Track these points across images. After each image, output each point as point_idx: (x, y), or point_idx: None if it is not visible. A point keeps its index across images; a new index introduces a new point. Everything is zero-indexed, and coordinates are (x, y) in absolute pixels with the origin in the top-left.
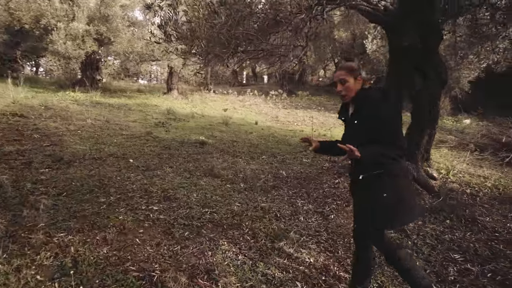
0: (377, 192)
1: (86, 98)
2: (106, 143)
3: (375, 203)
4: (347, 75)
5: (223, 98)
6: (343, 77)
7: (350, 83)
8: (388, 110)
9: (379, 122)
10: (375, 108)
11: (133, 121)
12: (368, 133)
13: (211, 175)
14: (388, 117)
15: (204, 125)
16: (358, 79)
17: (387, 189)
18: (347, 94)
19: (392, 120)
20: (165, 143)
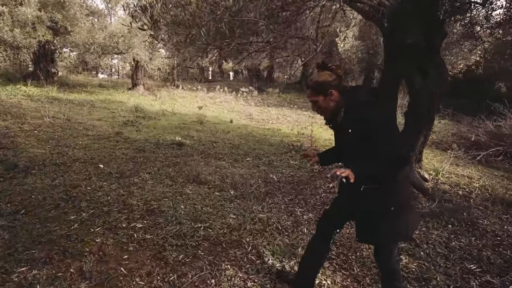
0: (383, 205)
1: (40, 93)
2: (69, 145)
3: (384, 217)
4: (314, 95)
5: (192, 95)
6: (311, 98)
7: (320, 102)
8: (378, 124)
9: (371, 139)
10: (363, 127)
11: (98, 120)
12: (363, 146)
13: (196, 181)
14: (380, 132)
15: (177, 124)
16: (330, 95)
17: (392, 201)
18: (323, 115)
19: (387, 131)
20: (138, 145)
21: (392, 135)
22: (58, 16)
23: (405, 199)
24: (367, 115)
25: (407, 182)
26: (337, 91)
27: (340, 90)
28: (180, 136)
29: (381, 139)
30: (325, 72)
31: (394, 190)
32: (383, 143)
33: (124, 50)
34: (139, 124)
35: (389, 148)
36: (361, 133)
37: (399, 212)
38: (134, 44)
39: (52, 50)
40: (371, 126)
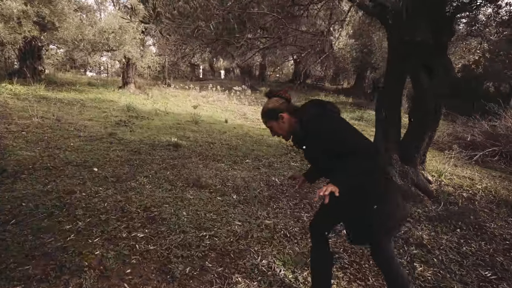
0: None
1: (27, 92)
2: (60, 147)
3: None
4: (268, 122)
5: (185, 94)
6: (266, 125)
7: (274, 127)
8: (329, 133)
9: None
10: (318, 141)
11: (89, 120)
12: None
13: (196, 185)
14: (333, 140)
15: (171, 124)
16: (280, 118)
17: (374, 199)
18: (282, 137)
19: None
20: (133, 146)
21: (348, 138)
22: (45, 11)
23: (385, 192)
24: (317, 129)
25: (382, 175)
26: (286, 113)
27: (290, 112)
28: (175, 137)
29: (339, 148)
30: (273, 98)
31: (373, 188)
32: (342, 149)
33: (115, 47)
34: (132, 124)
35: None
36: (321, 147)
37: (382, 206)
38: (126, 40)
39: (39, 46)
40: (324, 137)
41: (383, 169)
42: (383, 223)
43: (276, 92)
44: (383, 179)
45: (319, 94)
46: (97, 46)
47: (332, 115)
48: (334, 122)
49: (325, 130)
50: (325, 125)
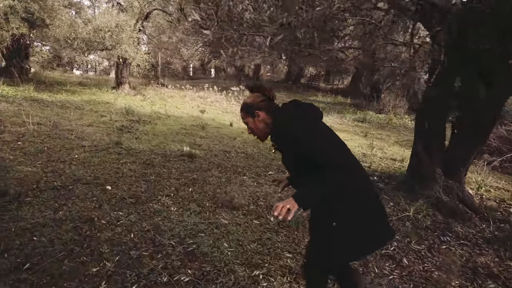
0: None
1: (16, 93)
2: (64, 160)
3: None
4: (244, 116)
5: (180, 94)
6: (243, 120)
7: (250, 124)
8: (304, 136)
9: (304, 153)
10: (293, 144)
11: (88, 125)
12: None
13: (225, 205)
14: (305, 148)
15: (177, 129)
16: (256, 116)
17: (337, 215)
18: (257, 136)
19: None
20: (144, 158)
21: (321, 148)
22: (34, 7)
23: (356, 213)
24: (288, 133)
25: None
26: (263, 112)
27: (268, 110)
28: (186, 144)
29: (314, 156)
30: (254, 93)
31: (339, 203)
32: (317, 159)
33: (111, 46)
34: (136, 130)
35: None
36: (292, 154)
37: (345, 229)
38: (123, 39)
39: (26, 44)
40: (294, 143)
41: (364, 188)
42: (340, 246)
43: (259, 87)
44: (356, 196)
45: (316, 94)
46: (92, 45)
47: (310, 120)
48: (308, 128)
49: (296, 136)
50: (299, 130)
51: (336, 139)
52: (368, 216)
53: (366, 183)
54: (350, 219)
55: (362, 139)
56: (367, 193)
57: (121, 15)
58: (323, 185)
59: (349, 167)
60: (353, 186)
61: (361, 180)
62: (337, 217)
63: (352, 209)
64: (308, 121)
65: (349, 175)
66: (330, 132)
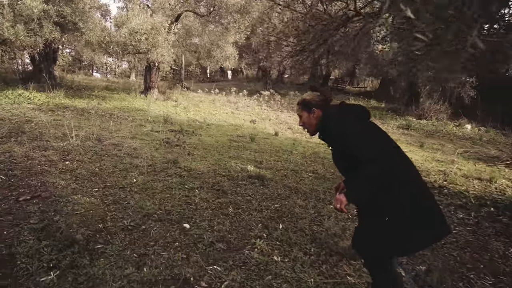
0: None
1: (47, 100)
2: (122, 186)
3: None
4: (300, 110)
5: (209, 99)
6: (297, 112)
7: (304, 117)
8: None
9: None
10: (338, 141)
11: (132, 138)
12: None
13: (336, 251)
14: (353, 145)
15: (225, 141)
16: (312, 112)
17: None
18: (307, 129)
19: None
20: (209, 181)
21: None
22: (66, 10)
23: (406, 210)
24: (336, 129)
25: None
26: (320, 111)
27: (323, 110)
28: (247, 162)
29: (355, 151)
30: (314, 92)
31: (391, 199)
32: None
33: (147, 50)
34: (183, 143)
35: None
36: (339, 150)
37: (397, 223)
38: (159, 42)
39: (55, 49)
40: (340, 139)
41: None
42: (390, 241)
43: (320, 88)
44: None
45: (348, 98)
46: (126, 49)
47: (357, 118)
48: (352, 125)
49: (339, 131)
50: (342, 126)
51: (385, 137)
52: (419, 213)
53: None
54: (399, 214)
55: (420, 150)
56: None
57: (155, 17)
58: (362, 180)
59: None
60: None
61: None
62: (386, 212)
63: (401, 205)
64: (354, 118)
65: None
66: (379, 131)
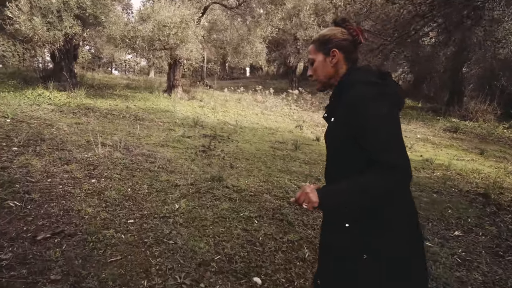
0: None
1: (68, 101)
2: (163, 215)
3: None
4: (313, 51)
5: (234, 97)
6: (309, 56)
7: (317, 63)
8: (377, 109)
9: (360, 130)
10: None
11: (162, 145)
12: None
13: None
14: (375, 123)
15: (267, 150)
16: (331, 55)
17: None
18: (318, 81)
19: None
20: (267, 206)
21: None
22: (86, 2)
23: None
24: (361, 95)
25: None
26: (342, 54)
27: (347, 56)
28: (302, 178)
29: (372, 141)
30: (338, 28)
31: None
32: (374, 148)
33: (175, 45)
34: (221, 152)
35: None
36: (346, 126)
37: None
38: (188, 37)
39: (76, 45)
40: (362, 112)
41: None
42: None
43: (346, 22)
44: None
45: None
46: (153, 44)
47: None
48: (385, 103)
49: (364, 100)
50: (372, 96)
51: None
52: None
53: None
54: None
55: (482, 159)
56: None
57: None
58: (361, 189)
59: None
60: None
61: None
62: (372, 247)
63: (398, 237)
64: (388, 97)
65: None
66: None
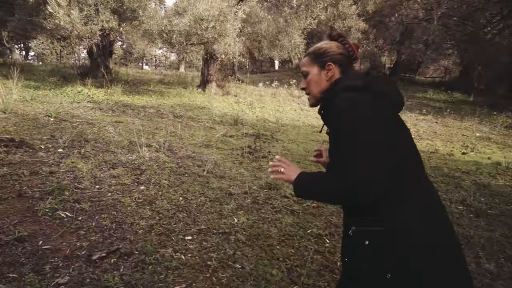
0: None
1: (106, 98)
2: (224, 230)
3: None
4: (308, 63)
5: (268, 92)
6: (302, 68)
7: (312, 75)
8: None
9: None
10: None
11: (206, 146)
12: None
13: None
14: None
15: None
16: (327, 68)
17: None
18: (311, 95)
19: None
20: (334, 220)
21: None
22: None
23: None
24: (340, 104)
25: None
26: (338, 68)
27: (342, 70)
28: None
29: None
30: (333, 41)
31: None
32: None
33: (213, 39)
34: (269, 154)
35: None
36: (331, 134)
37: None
38: (227, 31)
39: (111, 41)
40: (340, 119)
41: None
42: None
43: (343, 37)
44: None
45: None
46: (190, 39)
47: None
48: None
49: (341, 108)
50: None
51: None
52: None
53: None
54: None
55: None
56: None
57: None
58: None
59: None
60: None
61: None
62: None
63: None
64: (373, 99)
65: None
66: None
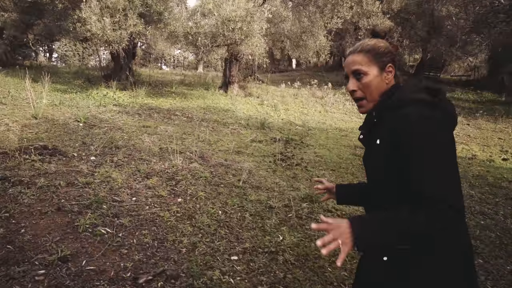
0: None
1: (131, 101)
2: (270, 249)
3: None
4: (368, 62)
5: (289, 93)
6: (358, 67)
7: (371, 77)
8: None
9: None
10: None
11: (236, 152)
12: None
13: None
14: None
15: (348, 157)
16: (387, 70)
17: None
18: (365, 100)
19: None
20: None
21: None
22: None
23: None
24: (411, 117)
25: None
26: (395, 70)
27: (395, 73)
28: None
29: (417, 172)
30: (381, 40)
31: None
32: (421, 178)
33: (240, 40)
34: (301, 161)
35: (432, 190)
36: (392, 152)
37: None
38: (254, 31)
39: (134, 44)
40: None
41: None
42: None
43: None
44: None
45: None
46: (216, 41)
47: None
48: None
49: (413, 123)
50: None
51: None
52: None
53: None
54: None
55: None
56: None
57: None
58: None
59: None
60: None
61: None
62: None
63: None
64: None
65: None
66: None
